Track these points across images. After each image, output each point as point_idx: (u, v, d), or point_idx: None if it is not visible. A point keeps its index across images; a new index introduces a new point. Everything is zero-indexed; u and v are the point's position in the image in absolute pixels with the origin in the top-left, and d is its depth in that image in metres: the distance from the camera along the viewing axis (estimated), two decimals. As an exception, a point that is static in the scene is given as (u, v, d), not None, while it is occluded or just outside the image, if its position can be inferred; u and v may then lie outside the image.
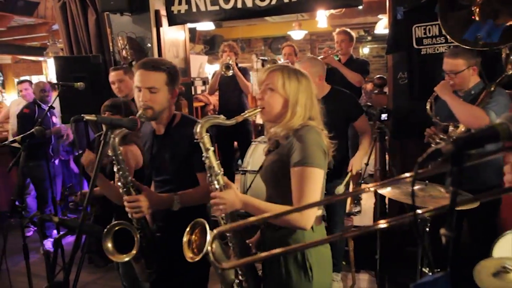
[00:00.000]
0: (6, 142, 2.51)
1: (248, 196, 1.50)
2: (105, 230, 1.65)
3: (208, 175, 1.47)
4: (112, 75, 3.13)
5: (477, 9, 2.59)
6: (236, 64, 4.47)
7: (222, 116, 1.53)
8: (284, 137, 1.55)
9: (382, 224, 0.79)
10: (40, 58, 8.33)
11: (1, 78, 9.02)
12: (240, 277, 1.53)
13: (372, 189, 0.85)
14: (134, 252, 1.67)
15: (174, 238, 1.77)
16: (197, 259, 1.42)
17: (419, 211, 0.81)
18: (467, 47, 2.52)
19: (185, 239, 1.47)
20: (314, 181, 1.43)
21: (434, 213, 0.86)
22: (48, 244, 4.07)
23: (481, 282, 1.48)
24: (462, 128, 2.38)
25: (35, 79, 9.34)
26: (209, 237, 1.34)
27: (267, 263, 1.59)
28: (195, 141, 1.49)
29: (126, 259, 1.68)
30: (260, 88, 1.58)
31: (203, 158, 1.48)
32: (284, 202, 1.47)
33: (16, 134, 4.27)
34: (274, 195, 1.58)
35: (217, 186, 1.46)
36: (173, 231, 1.69)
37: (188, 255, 1.46)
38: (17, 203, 2.26)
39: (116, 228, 1.69)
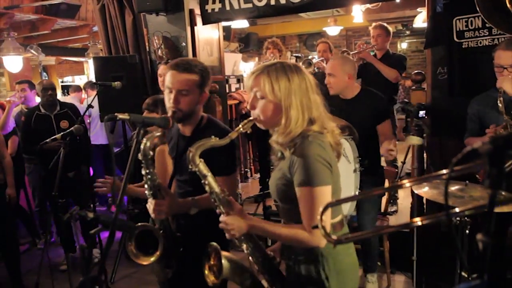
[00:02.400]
0: (48, 140, 2.63)
1: (254, 219, 1.42)
2: (128, 234, 1.68)
3: (212, 200, 1.43)
4: (161, 68, 3.39)
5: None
6: None
7: (213, 138, 1.45)
8: (285, 147, 1.42)
9: (417, 222, 0.75)
10: (82, 59, 8.66)
11: (46, 78, 9.44)
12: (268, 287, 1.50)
13: (408, 185, 0.81)
14: (158, 253, 1.69)
15: (193, 236, 1.81)
16: (217, 282, 1.44)
17: (457, 209, 0.76)
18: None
19: (205, 270, 1.47)
20: (321, 200, 1.32)
21: (472, 213, 0.81)
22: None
23: None
24: None
25: (77, 79, 9.74)
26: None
27: (286, 274, 1.53)
28: (189, 170, 1.45)
29: (151, 260, 1.69)
30: (249, 95, 1.45)
31: (204, 186, 1.44)
32: (298, 215, 1.39)
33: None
34: (286, 210, 1.49)
35: (222, 211, 1.41)
36: (193, 228, 1.73)
37: (210, 279, 1.47)
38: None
39: (139, 231, 1.71)
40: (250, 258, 1.47)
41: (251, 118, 1.45)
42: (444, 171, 0.70)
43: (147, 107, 2.49)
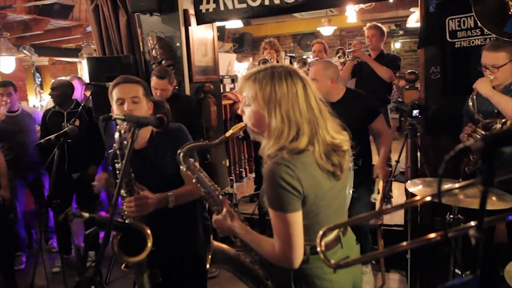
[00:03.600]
0: (42, 141, 2.62)
1: (237, 225, 1.38)
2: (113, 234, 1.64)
3: (203, 200, 1.46)
4: (154, 81, 3.29)
5: (510, 2, 2.47)
6: (277, 62, 4.48)
7: (202, 140, 1.52)
8: (270, 159, 1.30)
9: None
10: (76, 60, 8.62)
11: (39, 79, 9.39)
12: (264, 279, 1.50)
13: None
14: (148, 248, 1.61)
15: (169, 241, 1.84)
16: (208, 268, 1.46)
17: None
18: (509, 40, 2.40)
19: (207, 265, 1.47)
20: (289, 226, 1.24)
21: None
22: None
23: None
24: (510, 124, 2.24)
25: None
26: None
27: None
28: (180, 170, 1.49)
29: (136, 260, 1.64)
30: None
31: (196, 186, 1.46)
32: None
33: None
34: None
35: (214, 209, 1.43)
36: (168, 233, 1.76)
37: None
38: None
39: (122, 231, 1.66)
40: (243, 252, 1.48)
41: (243, 123, 1.41)
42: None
43: None
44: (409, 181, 2.32)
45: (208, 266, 1.43)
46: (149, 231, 1.64)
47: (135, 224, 1.69)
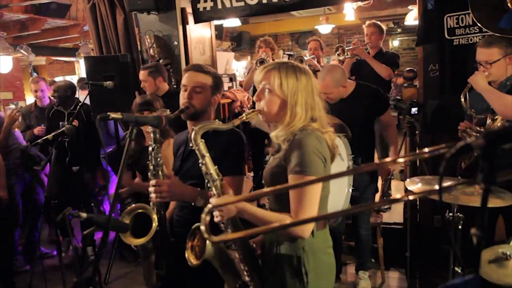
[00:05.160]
0: (39, 141, 2.60)
1: (244, 204, 1.41)
2: (124, 211, 1.65)
3: (206, 181, 1.44)
4: (142, 74, 3.36)
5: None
6: (273, 60, 4.46)
7: (217, 121, 1.51)
8: (285, 140, 1.47)
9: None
10: (73, 59, 8.59)
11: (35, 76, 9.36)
12: (246, 277, 1.49)
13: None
14: (151, 234, 1.62)
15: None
16: (197, 263, 1.45)
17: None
18: (504, 35, 2.39)
19: (188, 249, 1.48)
20: (311, 191, 1.37)
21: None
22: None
23: (481, 270, 1.42)
24: (500, 120, 2.26)
25: (68, 79, 9.67)
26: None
27: (266, 264, 1.55)
28: (190, 147, 1.48)
29: (142, 241, 1.64)
30: (258, 88, 1.51)
31: (200, 165, 1.44)
32: (282, 207, 1.44)
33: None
34: (272, 200, 1.54)
35: (214, 192, 1.42)
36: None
37: (191, 260, 1.48)
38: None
39: (135, 212, 1.67)
40: (233, 245, 1.48)
41: (256, 109, 1.50)
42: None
43: (143, 108, 2.48)
44: (408, 179, 2.31)
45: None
46: (155, 216, 1.65)
47: (142, 207, 1.68)
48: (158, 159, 1.71)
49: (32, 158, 3.70)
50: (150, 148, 1.72)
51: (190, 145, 1.46)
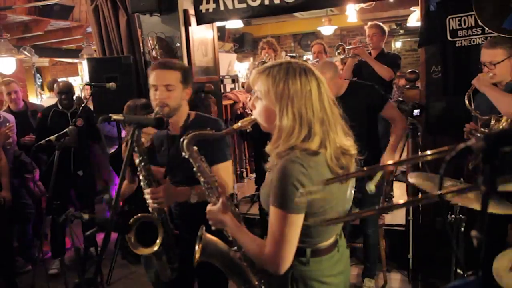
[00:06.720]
0: (42, 142, 2.61)
1: (229, 219, 1.35)
2: (129, 223, 1.69)
3: (204, 188, 1.44)
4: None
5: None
6: None
7: (209, 129, 1.46)
8: (278, 157, 1.26)
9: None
10: (76, 60, 8.62)
11: (40, 80, 9.39)
12: (255, 281, 1.48)
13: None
14: (158, 242, 1.68)
15: (191, 236, 1.80)
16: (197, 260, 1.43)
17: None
18: (507, 36, 2.39)
19: (197, 247, 1.44)
20: (288, 227, 1.20)
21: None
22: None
23: (500, 279, 1.39)
24: (505, 121, 2.25)
25: (71, 80, 9.72)
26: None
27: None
28: (183, 156, 1.44)
29: (152, 250, 1.69)
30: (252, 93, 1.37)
31: (196, 175, 1.44)
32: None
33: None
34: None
35: (211, 200, 1.41)
36: (190, 228, 1.71)
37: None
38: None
39: (140, 221, 1.72)
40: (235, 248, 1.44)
41: (253, 117, 1.37)
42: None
43: (145, 111, 2.47)
44: (410, 173, 2.30)
45: (197, 257, 1.41)
46: (160, 224, 1.71)
47: (146, 217, 1.72)
48: (148, 169, 1.76)
49: (24, 165, 3.66)
50: (137, 161, 1.75)
51: (183, 153, 1.44)
